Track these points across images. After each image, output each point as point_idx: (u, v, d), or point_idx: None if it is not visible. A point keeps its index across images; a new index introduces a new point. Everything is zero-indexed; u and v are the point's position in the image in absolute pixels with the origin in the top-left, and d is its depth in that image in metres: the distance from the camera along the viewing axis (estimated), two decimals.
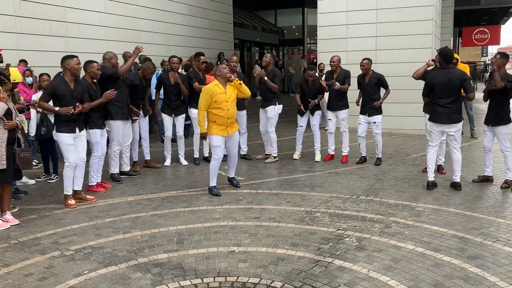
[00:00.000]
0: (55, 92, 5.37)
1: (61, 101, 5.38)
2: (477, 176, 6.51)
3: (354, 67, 8.43)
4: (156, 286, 3.52)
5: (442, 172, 6.85)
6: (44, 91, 5.51)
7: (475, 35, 23.97)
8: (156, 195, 6.01)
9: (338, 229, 4.68)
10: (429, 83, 5.93)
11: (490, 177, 6.36)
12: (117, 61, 6.50)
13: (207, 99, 5.81)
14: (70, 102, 5.41)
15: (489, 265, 3.78)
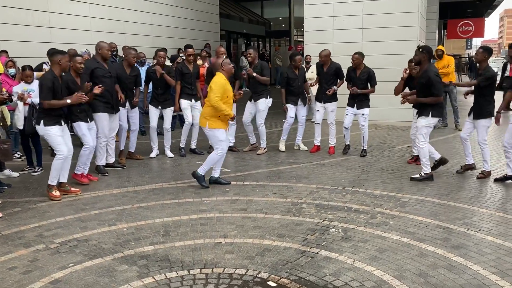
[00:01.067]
0: (53, 87, 5.30)
1: (54, 96, 5.32)
2: (460, 167, 6.59)
3: (340, 59, 8.43)
4: (142, 278, 3.51)
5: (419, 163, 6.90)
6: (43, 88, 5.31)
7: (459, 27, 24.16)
8: (142, 187, 5.97)
9: (324, 220, 4.71)
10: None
11: (472, 165, 6.46)
12: (108, 51, 6.40)
13: (223, 94, 5.74)
14: (60, 96, 5.37)
15: (472, 254, 3.84)
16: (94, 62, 6.40)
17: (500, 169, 6.43)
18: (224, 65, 5.88)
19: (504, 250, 3.93)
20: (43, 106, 5.33)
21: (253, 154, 7.89)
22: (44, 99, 5.30)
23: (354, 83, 7.45)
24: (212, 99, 5.67)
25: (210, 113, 5.78)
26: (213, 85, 5.71)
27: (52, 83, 5.28)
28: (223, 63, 5.91)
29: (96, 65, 6.33)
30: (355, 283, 3.38)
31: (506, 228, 4.41)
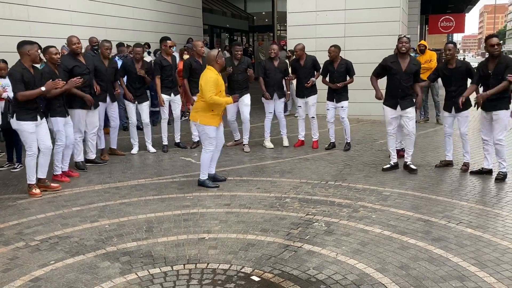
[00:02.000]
0: (23, 78, 5.17)
1: (27, 88, 5.20)
2: (439, 161, 6.69)
3: (323, 53, 8.45)
4: (125, 274, 3.48)
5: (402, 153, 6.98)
6: (13, 81, 5.20)
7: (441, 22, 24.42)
8: (124, 183, 5.92)
9: (307, 214, 4.74)
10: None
11: (450, 162, 6.57)
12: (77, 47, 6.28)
13: (216, 90, 5.51)
14: (34, 88, 5.24)
15: (452, 247, 3.90)
16: (72, 60, 6.27)
17: (478, 162, 6.53)
18: (219, 58, 5.65)
19: (483, 242, 4.00)
20: (18, 99, 5.20)
21: (237, 149, 7.88)
22: (16, 91, 5.17)
23: (332, 76, 7.48)
24: (208, 98, 5.42)
25: (203, 107, 5.55)
26: (204, 83, 5.45)
27: (21, 74, 5.14)
28: (219, 55, 5.65)
29: (75, 63, 6.21)
30: (338, 276, 3.41)
31: (485, 220, 4.49)
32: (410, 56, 6.22)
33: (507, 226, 4.35)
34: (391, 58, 6.25)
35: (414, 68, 6.13)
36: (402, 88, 6.11)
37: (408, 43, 6.13)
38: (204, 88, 5.44)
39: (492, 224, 4.41)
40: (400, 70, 6.10)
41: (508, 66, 5.54)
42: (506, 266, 3.53)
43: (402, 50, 6.07)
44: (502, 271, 3.46)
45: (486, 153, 6.07)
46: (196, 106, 5.68)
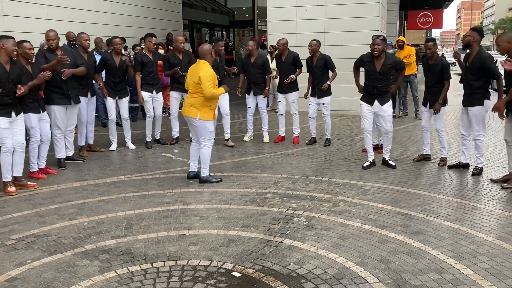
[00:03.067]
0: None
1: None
2: (417, 155, 6.77)
3: (303, 49, 8.46)
4: (104, 272, 3.44)
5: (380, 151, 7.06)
6: None
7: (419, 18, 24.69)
8: (103, 180, 5.84)
9: (288, 209, 4.74)
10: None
11: (428, 156, 6.66)
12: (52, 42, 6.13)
13: (214, 83, 5.45)
14: (6, 85, 5.11)
15: (431, 240, 3.96)
16: (48, 54, 6.15)
17: (456, 156, 6.63)
18: (213, 53, 5.60)
19: (460, 234, 4.07)
20: None
21: (218, 145, 7.84)
22: None
23: (313, 72, 7.49)
24: (208, 92, 5.32)
25: (201, 103, 5.43)
26: (204, 77, 5.32)
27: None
28: (212, 50, 5.62)
29: (50, 57, 6.09)
30: (318, 271, 3.42)
31: (462, 214, 4.57)
32: (386, 56, 6.11)
33: (483, 219, 4.43)
34: (367, 57, 6.22)
35: (388, 68, 6.05)
36: (377, 87, 6.09)
37: (381, 45, 5.96)
38: (204, 83, 5.32)
39: (469, 217, 4.49)
40: (375, 70, 6.08)
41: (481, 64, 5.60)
42: (482, 258, 3.60)
43: (374, 53, 6.03)
44: (478, 262, 3.53)
45: (464, 147, 6.17)
46: (192, 102, 5.48)
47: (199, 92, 5.42)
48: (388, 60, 6.09)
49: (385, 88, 6.11)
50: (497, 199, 4.99)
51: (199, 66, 5.47)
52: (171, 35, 13.91)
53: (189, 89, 5.58)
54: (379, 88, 6.07)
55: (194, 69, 5.51)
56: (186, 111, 5.55)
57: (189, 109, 5.52)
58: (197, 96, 5.46)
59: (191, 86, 5.50)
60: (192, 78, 5.47)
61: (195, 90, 5.45)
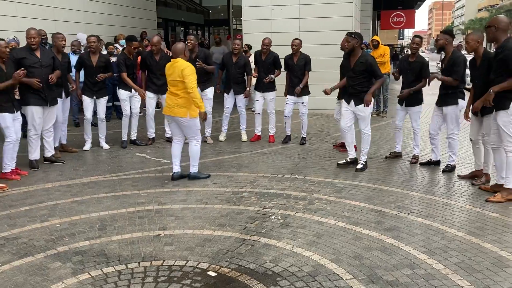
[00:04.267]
0: None
1: None
2: (389, 153, 6.89)
3: (278, 48, 8.50)
4: (77, 275, 3.38)
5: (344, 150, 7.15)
6: None
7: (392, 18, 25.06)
8: (76, 181, 5.74)
9: (264, 207, 4.76)
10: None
11: (399, 153, 6.78)
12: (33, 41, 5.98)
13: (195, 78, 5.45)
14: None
15: (404, 236, 4.03)
16: (23, 51, 6.01)
17: (427, 154, 6.76)
18: (186, 50, 5.57)
19: (432, 230, 4.15)
20: None
21: None
22: None
23: (292, 71, 7.51)
24: (193, 88, 5.33)
25: (189, 101, 5.42)
26: (188, 73, 5.31)
27: None
28: (186, 48, 5.60)
29: (23, 55, 5.94)
30: (293, 268, 3.44)
31: (434, 210, 4.67)
32: (361, 54, 6.01)
33: (454, 215, 4.54)
34: (346, 54, 6.28)
35: (361, 66, 5.92)
36: (351, 85, 6.06)
37: (351, 42, 5.89)
38: (190, 81, 5.32)
39: (441, 213, 4.59)
40: (349, 67, 6.09)
41: (454, 63, 5.74)
42: (453, 253, 3.69)
43: (344, 50, 6.06)
44: (449, 257, 3.61)
45: (433, 146, 6.30)
46: (180, 102, 5.42)
47: (183, 90, 5.38)
48: (362, 58, 5.99)
49: (359, 87, 5.97)
50: (467, 195, 5.12)
51: (176, 64, 5.42)
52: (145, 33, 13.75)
53: (170, 89, 5.51)
54: (353, 86, 6.03)
55: (171, 69, 5.45)
56: (174, 112, 5.47)
57: (177, 110, 5.45)
58: (184, 95, 5.41)
59: (173, 86, 5.44)
60: (173, 77, 5.41)
61: (179, 89, 5.40)
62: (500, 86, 4.71)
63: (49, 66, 6.16)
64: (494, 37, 4.84)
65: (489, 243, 3.87)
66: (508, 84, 4.66)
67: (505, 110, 4.76)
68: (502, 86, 4.70)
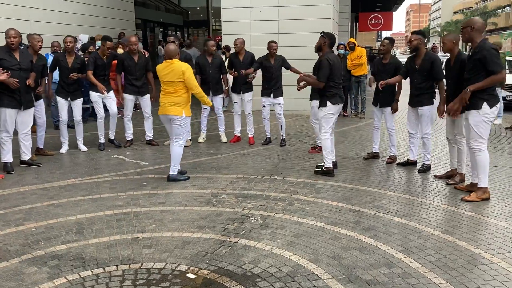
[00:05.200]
0: None
1: None
2: (367, 154, 6.97)
3: (257, 49, 8.53)
4: (53, 279, 3.33)
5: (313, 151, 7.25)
6: None
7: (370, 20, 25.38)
8: (52, 184, 5.65)
9: (243, 209, 4.76)
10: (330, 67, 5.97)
11: (377, 154, 6.88)
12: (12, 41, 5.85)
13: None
14: None
15: (381, 235, 4.09)
16: (1, 52, 5.86)
17: (404, 154, 6.87)
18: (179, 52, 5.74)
19: (409, 229, 4.22)
20: None
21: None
22: None
23: (270, 72, 7.53)
24: (198, 87, 5.65)
25: (186, 100, 5.61)
26: (188, 72, 5.49)
27: None
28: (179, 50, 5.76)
29: (2, 56, 5.81)
30: (273, 269, 3.46)
31: (411, 209, 4.74)
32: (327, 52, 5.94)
33: (430, 214, 4.62)
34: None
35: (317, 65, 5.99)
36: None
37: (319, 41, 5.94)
38: (193, 81, 5.55)
39: (417, 212, 4.67)
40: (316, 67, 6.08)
41: (433, 64, 5.85)
42: (429, 251, 3.75)
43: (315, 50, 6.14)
44: (426, 256, 3.67)
45: (412, 145, 6.40)
46: (177, 100, 5.54)
47: (182, 90, 5.53)
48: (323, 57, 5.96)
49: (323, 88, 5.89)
50: (443, 195, 5.22)
51: (174, 65, 5.51)
52: (123, 34, 13.62)
53: (166, 90, 5.58)
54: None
55: (168, 69, 5.52)
56: (169, 110, 5.56)
57: (173, 108, 5.55)
58: (181, 94, 5.55)
59: (171, 86, 5.53)
60: (170, 78, 5.51)
61: (176, 89, 5.52)
62: (476, 85, 4.81)
63: (27, 69, 6.06)
64: (470, 38, 4.95)
65: (464, 241, 3.95)
66: (485, 83, 4.77)
67: (477, 110, 4.87)
68: (478, 86, 4.80)
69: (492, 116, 4.90)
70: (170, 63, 5.54)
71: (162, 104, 5.63)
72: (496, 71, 4.70)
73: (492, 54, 4.71)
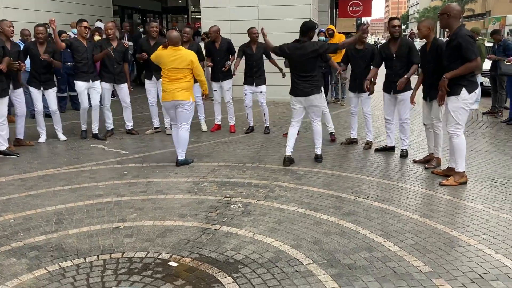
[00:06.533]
0: None
1: None
2: (344, 140, 7.03)
3: (237, 36, 8.47)
4: (33, 270, 3.29)
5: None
6: None
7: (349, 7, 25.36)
8: (30, 175, 5.55)
9: (225, 196, 4.77)
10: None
11: (355, 139, 6.94)
12: None
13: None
14: None
15: (361, 220, 4.14)
16: None
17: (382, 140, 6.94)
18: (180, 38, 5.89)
19: (389, 214, 4.28)
20: None
21: (154, 136, 7.70)
22: None
23: (252, 60, 7.49)
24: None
25: (192, 85, 5.78)
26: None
27: None
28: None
29: None
30: (255, 256, 3.48)
31: (390, 194, 4.81)
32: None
33: (409, 198, 4.70)
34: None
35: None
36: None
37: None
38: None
39: (397, 197, 4.74)
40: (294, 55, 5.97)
41: (411, 49, 5.91)
42: (408, 235, 3.82)
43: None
44: (405, 239, 3.74)
45: (389, 131, 6.47)
46: (185, 86, 5.67)
47: (188, 76, 5.68)
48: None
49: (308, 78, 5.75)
50: (422, 179, 5.30)
51: (181, 52, 5.61)
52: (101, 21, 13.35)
53: (171, 76, 5.63)
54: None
55: (174, 56, 5.57)
56: (178, 96, 5.64)
57: (181, 94, 5.65)
58: (188, 80, 5.69)
59: (177, 72, 5.61)
60: (177, 64, 5.58)
61: (184, 74, 5.64)
62: (452, 73, 4.87)
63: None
64: (447, 24, 4.99)
65: (442, 224, 4.03)
66: (461, 70, 4.83)
67: (456, 96, 4.94)
68: (455, 73, 4.86)
69: (471, 102, 4.97)
70: (175, 49, 5.61)
71: (169, 90, 5.67)
72: (471, 58, 4.76)
73: (467, 42, 4.76)
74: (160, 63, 5.70)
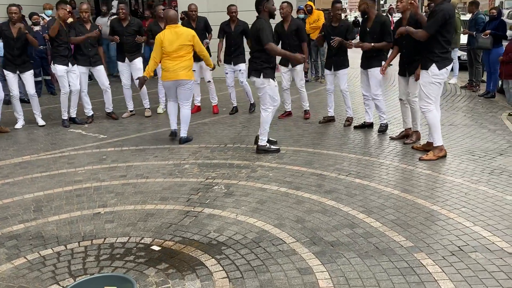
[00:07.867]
0: None
1: None
2: (322, 118, 7.03)
3: (216, 14, 8.31)
4: (12, 260, 3.23)
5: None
6: None
7: None
8: (6, 162, 5.43)
9: (207, 178, 4.74)
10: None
11: (332, 117, 6.96)
12: None
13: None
14: None
15: (343, 197, 4.16)
16: None
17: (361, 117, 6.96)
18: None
19: (370, 190, 4.32)
20: None
21: (132, 118, 7.58)
22: None
23: (230, 38, 7.38)
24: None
25: (192, 64, 5.88)
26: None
27: None
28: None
29: None
30: (238, 236, 3.48)
31: (371, 170, 4.85)
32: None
33: (390, 174, 4.74)
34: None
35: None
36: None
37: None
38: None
39: (377, 173, 4.77)
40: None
41: (383, 26, 5.89)
42: (389, 211, 3.86)
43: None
44: (386, 215, 3.78)
45: (367, 107, 6.50)
46: (187, 64, 5.76)
47: (189, 53, 5.76)
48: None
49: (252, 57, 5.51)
50: (402, 155, 5.35)
51: (180, 30, 5.69)
52: (73, 2, 12.97)
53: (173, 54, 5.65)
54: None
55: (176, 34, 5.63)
56: (182, 76, 5.72)
57: (184, 73, 5.74)
58: (189, 58, 5.78)
59: (181, 50, 5.66)
60: (180, 42, 5.64)
61: (186, 52, 5.71)
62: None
63: None
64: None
65: (422, 199, 4.08)
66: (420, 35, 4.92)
67: (426, 70, 4.98)
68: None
69: (442, 78, 5.00)
70: (174, 27, 5.68)
71: (172, 70, 5.70)
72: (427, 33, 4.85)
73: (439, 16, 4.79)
74: (164, 47, 5.64)
